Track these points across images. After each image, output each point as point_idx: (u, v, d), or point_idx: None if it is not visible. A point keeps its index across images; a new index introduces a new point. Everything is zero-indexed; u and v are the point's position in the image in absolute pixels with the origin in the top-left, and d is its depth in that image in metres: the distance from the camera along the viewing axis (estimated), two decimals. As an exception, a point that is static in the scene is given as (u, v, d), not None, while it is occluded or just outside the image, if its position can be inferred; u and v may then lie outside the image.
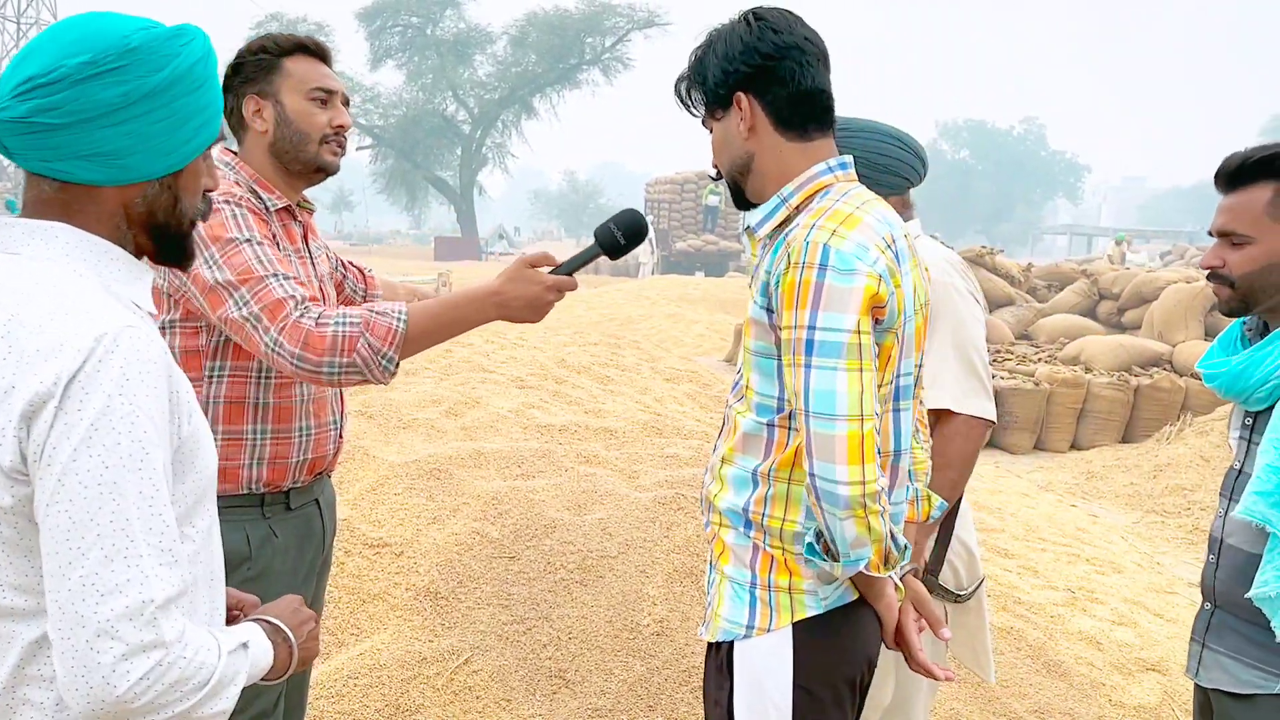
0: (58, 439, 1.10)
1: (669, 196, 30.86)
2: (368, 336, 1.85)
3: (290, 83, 2.08)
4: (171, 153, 1.26)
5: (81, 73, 1.16)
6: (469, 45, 43.03)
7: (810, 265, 1.60)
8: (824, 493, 1.60)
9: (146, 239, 1.29)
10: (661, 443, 5.04)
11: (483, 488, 4.17)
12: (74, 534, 1.10)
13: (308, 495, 2.18)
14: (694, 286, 19.06)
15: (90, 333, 1.13)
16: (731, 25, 1.78)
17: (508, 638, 3.42)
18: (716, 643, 1.83)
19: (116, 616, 1.10)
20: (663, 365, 7.86)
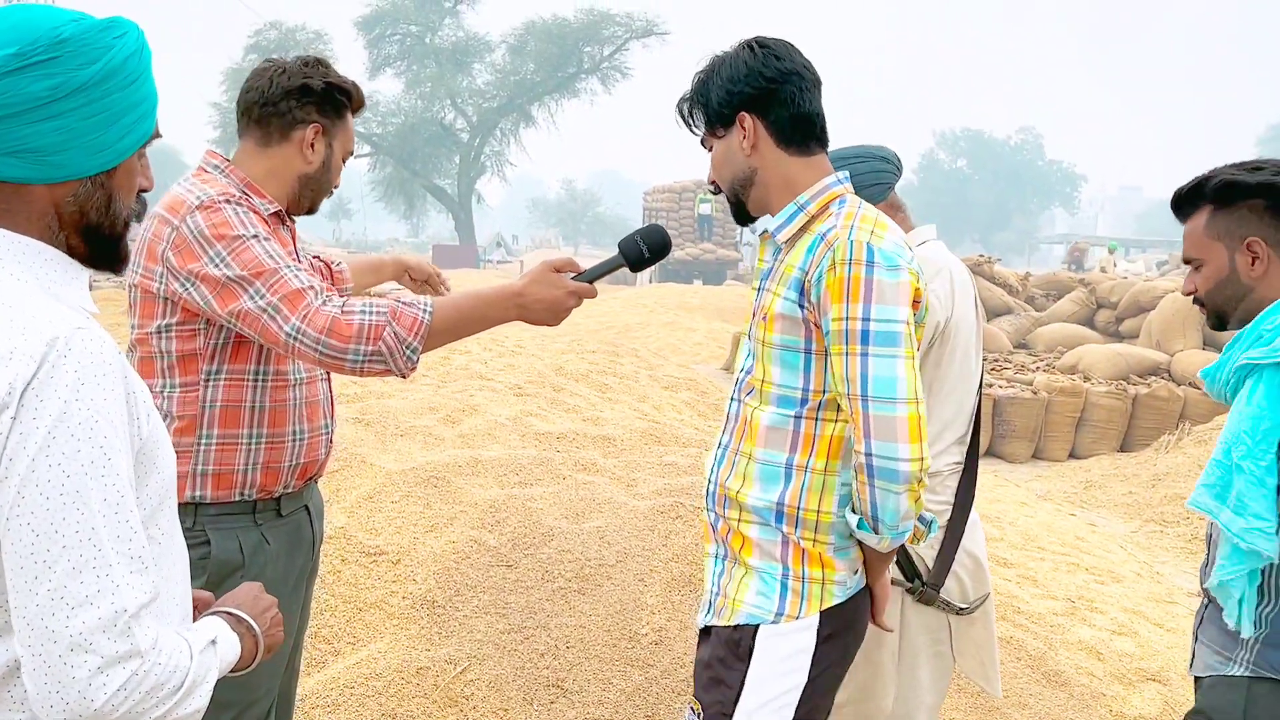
0: (15, 449, 1.06)
1: (667, 205, 30.88)
2: (394, 325, 1.85)
3: (344, 136, 2.17)
4: (104, 150, 1.21)
5: (8, 65, 1.12)
6: (467, 54, 43.12)
7: (858, 262, 1.73)
8: (882, 470, 1.71)
9: (79, 240, 1.24)
10: (660, 451, 5.02)
11: (480, 496, 4.16)
12: (39, 546, 1.06)
13: (298, 501, 2.18)
14: (692, 294, 19.07)
15: (41, 338, 1.09)
16: (736, 51, 1.91)
17: (505, 647, 3.40)
18: (732, 627, 1.88)
19: (89, 629, 1.06)
20: (661, 373, 7.85)
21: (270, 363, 2.04)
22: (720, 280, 27.66)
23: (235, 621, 1.35)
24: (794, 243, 1.88)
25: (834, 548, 1.86)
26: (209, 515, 2.00)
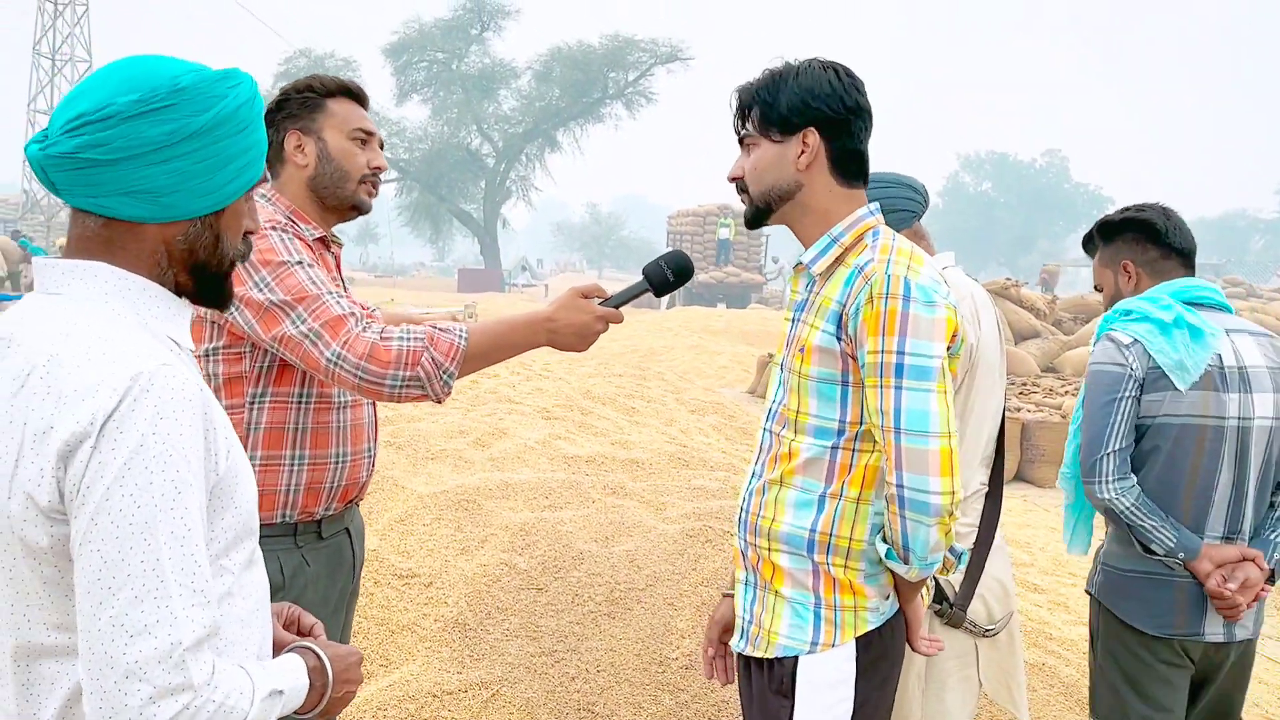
0: (92, 478, 1.11)
1: (691, 229, 30.98)
2: (431, 351, 1.90)
3: (333, 121, 2.14)
4: (213, 192, 1.28)
5: (131, 110, 1.19)
6: (493, 80, 43.52)
7: (895, 296, 1.74)
8: (913, 502, 1.72)
9: (187, 277, 1.31)
10: (688, 474, 5.03)
11: (510, 519, 4.18)
12: (105, 573, 1.10)
13: (339, 524, 2.20)
14: (717, 318, 19.09)
15: (126, 372, 1.14)
16: (818, 68, 1.89)
17: (536, 670, 3.42)
18: (771, 660, 1.89)
19: (145, 658, 1.09)
20: (687, 396, 7.87)
21: (314, 385, 2.07)
22: (745, 303, 27.66)
23: (316, 669, 1.36)
24: (829, 275, 1.88)
25: (865, 574, 1.86)
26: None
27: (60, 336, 1.18)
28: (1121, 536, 2.51)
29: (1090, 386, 2.48)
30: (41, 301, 1.24)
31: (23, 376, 1.17)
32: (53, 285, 1.24)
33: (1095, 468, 2.41)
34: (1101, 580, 2.56)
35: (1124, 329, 2.49)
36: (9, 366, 1.19)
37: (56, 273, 1.24)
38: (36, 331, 1.20)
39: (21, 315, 1.24)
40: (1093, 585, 2.61)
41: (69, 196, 1.23)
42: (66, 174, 1.21)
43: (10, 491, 1.15)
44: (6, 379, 1.18)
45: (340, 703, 1.41)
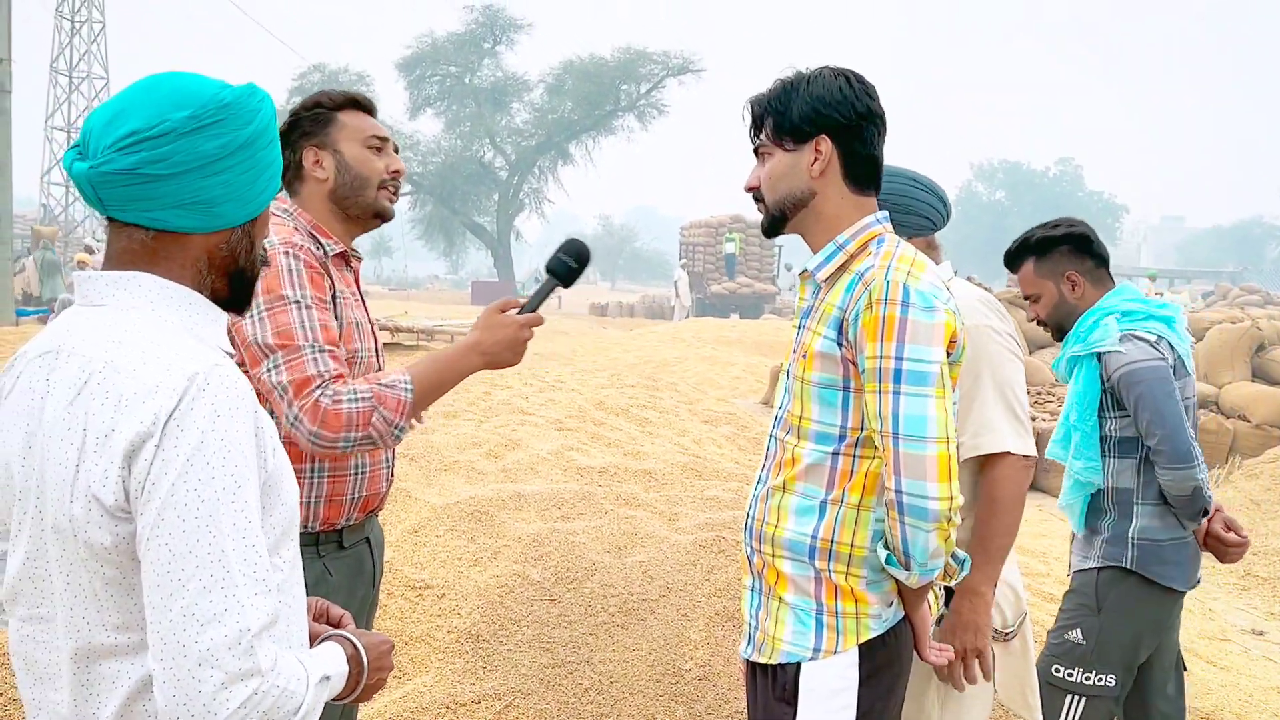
0: (157, 475, 1.15)
1: (703, 240, 30.98)
2: (381, 410, 1.95)
3: (346, 132, 2.18)
4: (253, 200, 1.34)
5: (186, 126, 1.25)
6: (506, 93, 43.67)
7: (893, 302, 1.74)
8: (912, 508, 1.72)
9: (224, 284, 1.36)
10: (701, 485, 5.03)
11: (523, 530, 4.18)
12: (174, 566, 1.14)
13: (359, 534, 2.22)
14: (730, 328, 19.07)
15: (183, 373, 1.19)
16: (829, 75, 1.90)
17: (549, 681, 3.41)
18: (775, 667, 1.89)
19: (216, 645, 1.13)
20: (700, 407, 7.86)
21: None
22: (758, 314, 27.63)
23: (354, 657, 1.41)
24: (834, 281, 1.89)
25: (867, 581, 1.86)
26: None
27: (112, 344, 1.22)
28: (1159, 511, 2.76)
29: (1145, 382, 2.67)
30: (87, 313, 1.28)
31: (79, 384, 1.21)
32: (97, 297, 1.29)
33: (1190, 453, 2.65)
34: (1137, 554, 2.76)
35: (1142, 328, 2.75)
36: (63, 376, 1.23)
37: (101, 284, 1.29)
38: (88, 340, 1.24)
39: (67, 328, 1.28)
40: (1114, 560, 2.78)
41: (119, 212, 1.28)
42: (120, 189, 1.25)
43: (72, 495, 1.19)
44: (61, 387, 1.22)
45: (373, 688, 1.46)
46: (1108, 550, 2.80)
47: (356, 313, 2.17)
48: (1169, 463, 2.66)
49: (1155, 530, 2.77)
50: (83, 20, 37.98)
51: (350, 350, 2.11)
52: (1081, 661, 2.79)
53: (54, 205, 38.05)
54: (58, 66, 38.16)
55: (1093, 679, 2.78)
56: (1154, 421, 2.66)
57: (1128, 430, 2.76)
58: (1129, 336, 2.73)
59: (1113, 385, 2.75)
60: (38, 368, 1.28)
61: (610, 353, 15.34)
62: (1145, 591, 2.77)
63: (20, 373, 1.30)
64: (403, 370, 2.02)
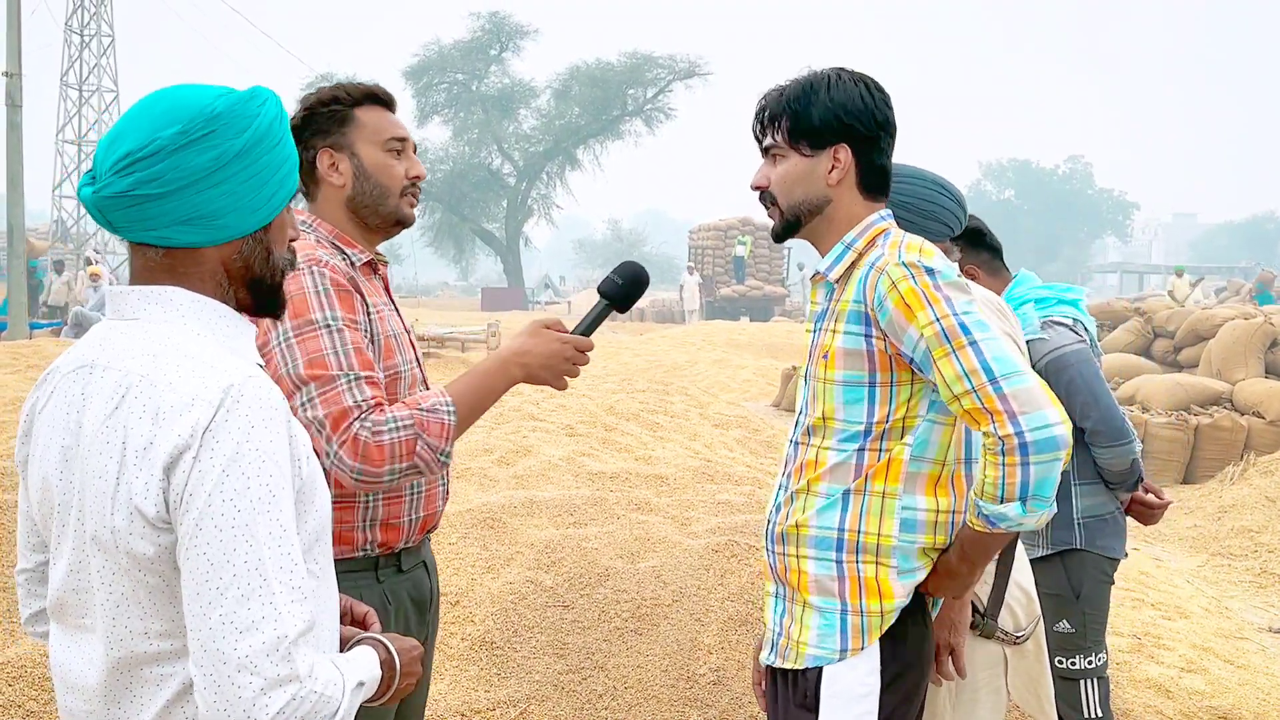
0: (194, 486, 1.18)
1: (712, 243, 30.98)
2: (424, 438, 1.82)
3: (365, 133, 2.01)
4: (260, 208, 1.33)
5: (175, 142, 1.24)
6: (513, 100, 43.76)
7: (919, 275, 1.77)
8: (1039, 443, 1.69)
9: (246, 293, 1.37)
10: (713, 489, 5.02)
11: (536, 536, 4.19)
12: (212, 575, 1.16)
13: (416, 557, 2.11)
14: (740, 331, 19.07)
15: (218, 385, 1.21)
16: (849, 81, 1.89)
17: (564, 687, 3.41)
18: (796, 673, 1.89)
19: (255, 652, 1.15)
20: (711, 411, 7.85)
21: None
22: (768, 316, 27.60)
23: (384, 655, 1.42)
24: (846, 280, 1.89)
25: (898, 571, 1.86)
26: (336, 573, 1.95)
27: (149, 357, 1.24)
28: (1095, 488, 2.87)
29: (1074, 366, 2.74)
30: (120, 327, 1.30)
31: (116, 398, 1.23)
32: (129, 311, 1.31)
33: (1125, 429, 2.73)
34: (1085, 533, 2.86)
35: (1057, 313, 2.85)
36: (100, 389, 1.25)
37: (133, 299, 1.31)
38: (124, 354, 1.26)
39: (100, 342, 1.30)
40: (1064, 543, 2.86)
41: (127, 233, 1.29)
42: (123, 211, 1.26)
43: (114, 506, 1.21)
44: (99, 401, 1.24)
45: (403, 692, 1.46)
46: (1055, 535, 2.87)
47: (393, 324, 2.03)
48: (1108, 441, 2.74)
49: (1097, 507, 2.87)
50: (92, 34, 38.22)
51: (391, 366, 1.97)
52: (1078, 648, 2.87)
53: (66, 219, 38.27)
54: (68, 80, 38.40)
55: (1093, 660, 2.89)
56: (1088, 403, 2.73)
57: None
58: (1049, 323, 2.80)
59: (1038, 372, 2.72)
60: (72, 382, 1.29)
61: (620, 357, 15.34)
62: (1100, 567, 2.89)
63: (55, 387, 1.31)
64: (442, 392, 1.89)
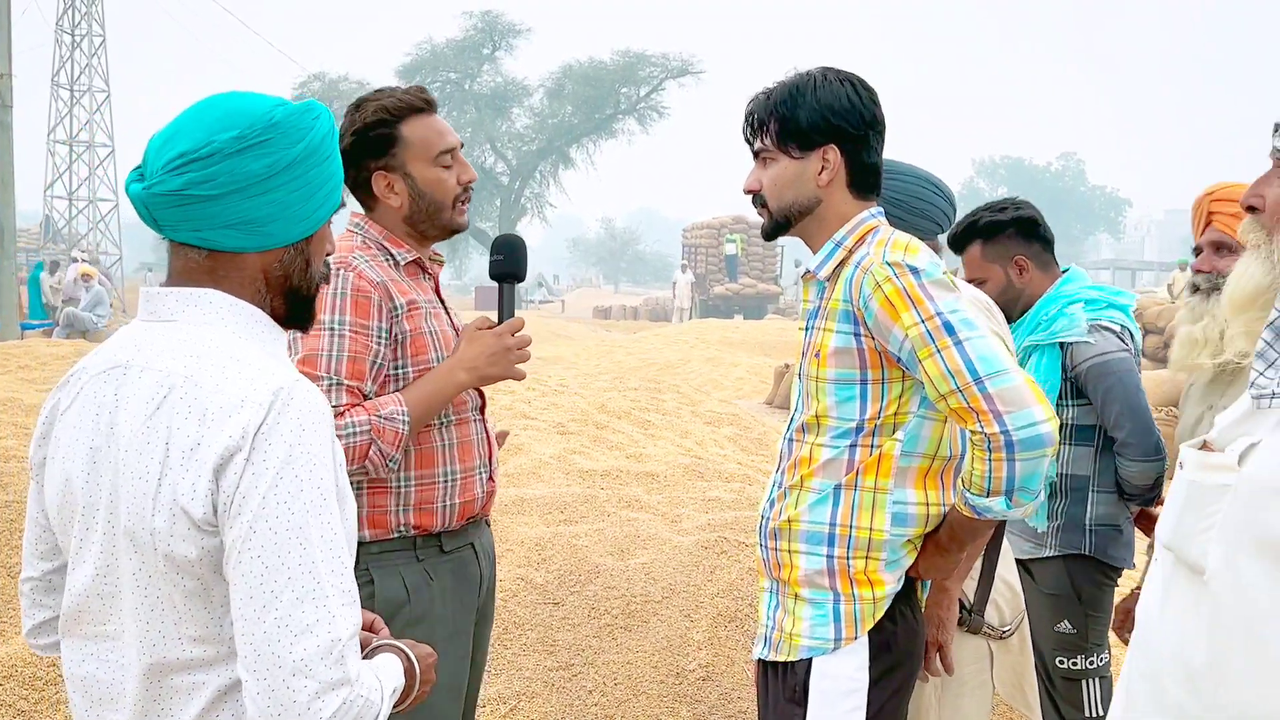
0: (247, 488, 1.17)
1: (706, 241, 31.02)
2: (379, 444, 1.94)
3: (415, 151, 2.07)
4: (306, 219, 1.34)
5: (232, 146, 1.25)
6: (506, 99, 43.76)
7: (903, 275, 1.77)
8: (1025, 441, 1.70)
9: (281, 302, 1.37)
10: (703, 486, 5.04)
11: (526, 534, 4.20)
12: (267, 578, 1.16)
13: (462, 539, 2.17)
14: (733, 330, 19.09)
15: (268, 387, 1.21)
16: (835, 81, 1.89)
17: (553, 684, 3.42)
18: (786, 668, 1.91)
19: (310, 655, 1.15)
20: (703, 409, 7.87)
21: None
22: (761, 315, 27.65)
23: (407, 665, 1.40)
24: (835, 278, 1.91)
25: (886, 563, 1.89)
26: (371, 554, 2.01)
27: (191, 358, 1.24)
28: (1113, 498, 2.80)
29: (1116, 374, 2.67)
30: (157, 328, 1.30)
31: (158, 398, 1.22)
32: (166, 313, 1.30)
33: (1159, 446, 2.68)
34: (1095, 540, 2.80)
35: (1106, 318, 2.76)
36: (138, 390, 1.24)
37: (170, 300, 1.30)
38: (164, 355, 1.25)
39: (135, 343, 1.30)
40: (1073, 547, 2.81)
41: (172, 232, 1.29)
42: (171, 210, 1.26)
43: (155, 508, 1.20)
44: (139, 401, 1.23)
45: (419, 699, 1.45)
46: (1065, 538, 2.83)
47: (435, 322, 2.11)
48: (1139, 455, 2.68)
49: (1111, 516, 2.81)
50: (83, 34, 38.08)
51: (423, 362, 2.06)
52: (1079, 649, 2.85)
53: (57, 219, 38.16)
54: (59, 80, 38.26)
55: (1094, 660, 2.86)
56: (1124, 414, 2.67)
57: (1086, 418, 2.76)
58: (1096, 327, 2.73)
59: (1077, 375, 2.73)
60: (103, 383, 1.28)
61: (613, 356, 15.35)
62: (1105, 574, 2.86)
63: (81, 388, 1.30)
64: (398, 399, 1.99)
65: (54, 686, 3.20)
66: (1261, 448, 1.19)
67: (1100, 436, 2.76)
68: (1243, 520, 1.19)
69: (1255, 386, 1.22)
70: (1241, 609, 1.18)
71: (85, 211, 37.23)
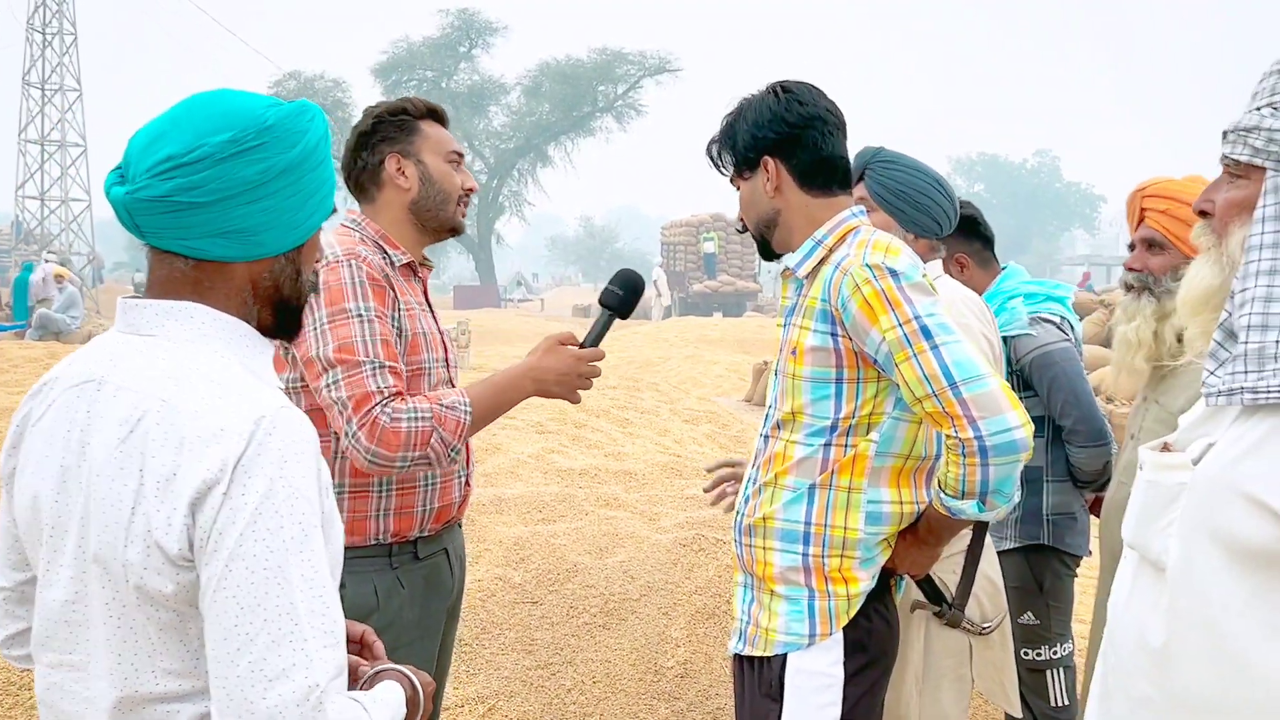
0: (224, 524, 1.10)
1: (684, 239, 31.02)
2: (440, 431, 1.94)
3: (429, 144, 2.15)
4: (299, 226, 1.27)
5: (224, 151, 1.17)
6: (483, 97, 43.62)
7: (882, 278, 1.79)
8: (999, 446, 1.73)
9: (269, 313, 1.30)
10: (681, 484, 5.05)
11: (504, 533, 4.20)
12: (242, 620, 1.09)
13: (436, 545, 2.19)
14: (712, 327, 19.11)
15: (250, 416, 1.13)
16: (761, 96, 1.97)
17: (532, 683, 3.43)
18: (762, 663, 1.93)
19: (284, 702, 1.08)
20: (681, 406, 7.89)
21: None
22: (740, 312, 27.68)
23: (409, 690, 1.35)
24: (814, 276, 1.93)
25: (860, 561, 1.91)
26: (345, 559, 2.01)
27: (169, 380, 1.16)
28: (1066, 486, 2.86)
29: (1059, 364, 2.74)
30: (135, 343, 1.21)
31: (133, 421, 1.14)
32: (145, 326, 1.22)
33: (1105, 431, 2.72)
34: (1053, 529, 2.86)
35: (1045, 310, 2.84)
36: (112, 411, 1.16)
37: (150, 313, 1.22)
38: (140, 375, 1.17)
39: (110, 357, 1.22)
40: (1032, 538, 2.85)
41: (156, 239, 1.21)
42: (157, 217, 1.18)
43: (128, 539, 1.13)
44: (112, 423, 1.16)
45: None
46: (1024, 529, 2.88)
47: (424, 324, 2.14)
48: (1085, 441, 2.74)
49: (1066, 505, 2.87)
50: (54, 32, 37.70)
51: (416, 362, 2.08)
52: (1042, 639, 2.90)
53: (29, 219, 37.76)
54: (30, 79, 37.86)
55: (1058, 650, 2.91)
56: (1069, 402, 2.74)
57: (1035, 410, 2.80)
58: (1037, 319, 2.80)
59: (1022, 368, 2.80)
60: (75, 397, 1.20)
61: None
62: (1064, 563, 2.91)
63: (54, 401, 1.23)
64: (461, 392, 2.02)
65: (28, 691, 3.18)
66: (1216, 447, 1.22)
67: (1050, 427, 2.82)
68: (1198, 517, 1.21)
69: (1205, 385, 1.24)
70: (1197, 600, 1.21)
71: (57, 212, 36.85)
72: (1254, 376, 1.17)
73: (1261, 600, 1.15)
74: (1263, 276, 1.20)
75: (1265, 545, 1.14)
